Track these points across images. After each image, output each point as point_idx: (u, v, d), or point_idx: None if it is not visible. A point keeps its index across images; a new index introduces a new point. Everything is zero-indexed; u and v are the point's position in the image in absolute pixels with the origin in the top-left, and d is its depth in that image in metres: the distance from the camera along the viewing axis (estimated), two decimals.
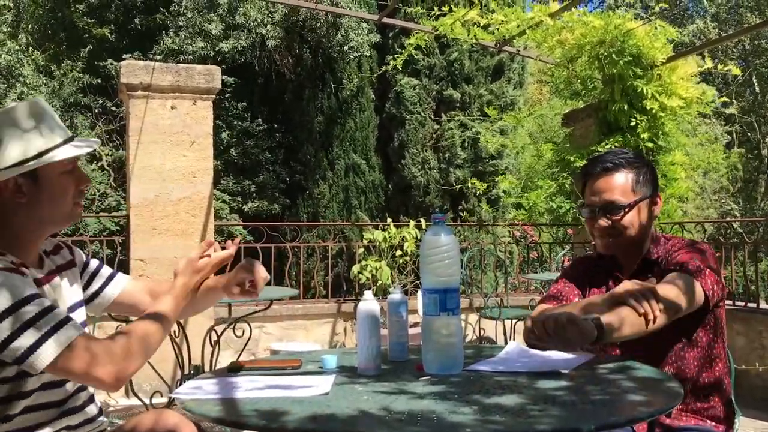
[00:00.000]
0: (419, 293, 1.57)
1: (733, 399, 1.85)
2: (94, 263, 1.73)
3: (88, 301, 1.69)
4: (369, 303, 1.58)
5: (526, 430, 1.13)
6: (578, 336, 1.43)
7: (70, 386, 1.52)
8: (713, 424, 1.75)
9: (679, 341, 1.75)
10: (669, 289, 1.63)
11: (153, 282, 1.83)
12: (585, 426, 1.13)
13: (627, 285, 1.61)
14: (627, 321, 1.52)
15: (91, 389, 1.61)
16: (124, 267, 4.93)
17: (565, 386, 1.38)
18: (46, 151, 1.48)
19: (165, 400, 3.63)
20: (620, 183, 1.83)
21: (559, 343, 1.45)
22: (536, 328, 1.45)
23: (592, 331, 1.44)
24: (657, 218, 1.92)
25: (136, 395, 3.64)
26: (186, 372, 3.68)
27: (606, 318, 1.49)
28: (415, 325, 1.78)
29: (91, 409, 1.60)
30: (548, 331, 1.43)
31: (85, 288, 1.68)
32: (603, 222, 1.84)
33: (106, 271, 1.76)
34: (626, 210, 1.82)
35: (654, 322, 1.54)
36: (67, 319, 1.35)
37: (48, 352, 1.30)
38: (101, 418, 1.62)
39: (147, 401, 3.57)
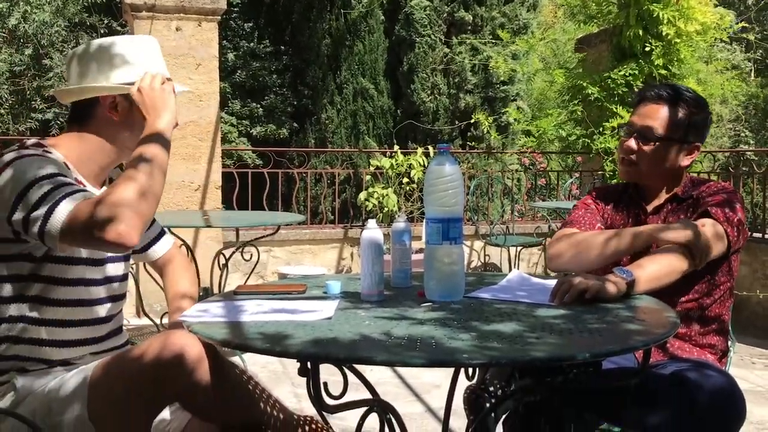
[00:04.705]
0: (425, 221, 1.58)
1: (731, 332, 1.90)
2: None
3: (133, 251, 1.70)
4: (372, 231, 1.59)
5: (522, 356, 1.16)
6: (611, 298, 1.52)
7: (103, 312, 1.56)
8: (712, 355, 1.80)
9: (695, 280, 1.77)
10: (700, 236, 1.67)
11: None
12: (580, 354, 1.16)
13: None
14: (656, 275, 1.61)
15: (123, 318, 1.65)
16: None
17: (563, 315, 1.41)
18: None
19: None
20: (663, 114, 1.81)
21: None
22: (565, 296, 1.49)
23: (622, 291, 1.53)
24: (688, 168, 1.88)
25: (147, 315, 3.72)
26: None
27: (638, 276, 1.57)
28: (420, 251, 1.80)
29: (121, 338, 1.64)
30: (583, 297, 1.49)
31: None
32: (630, 143, 1.84)
33: (156, 226, 1.80)
34: (654, 141, 1.81)
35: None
36: (78, 190, 1.38)
37: (57, 218, 1.32)
38: (128, 346, 1.66)
39: (158, 321, 3.66)
